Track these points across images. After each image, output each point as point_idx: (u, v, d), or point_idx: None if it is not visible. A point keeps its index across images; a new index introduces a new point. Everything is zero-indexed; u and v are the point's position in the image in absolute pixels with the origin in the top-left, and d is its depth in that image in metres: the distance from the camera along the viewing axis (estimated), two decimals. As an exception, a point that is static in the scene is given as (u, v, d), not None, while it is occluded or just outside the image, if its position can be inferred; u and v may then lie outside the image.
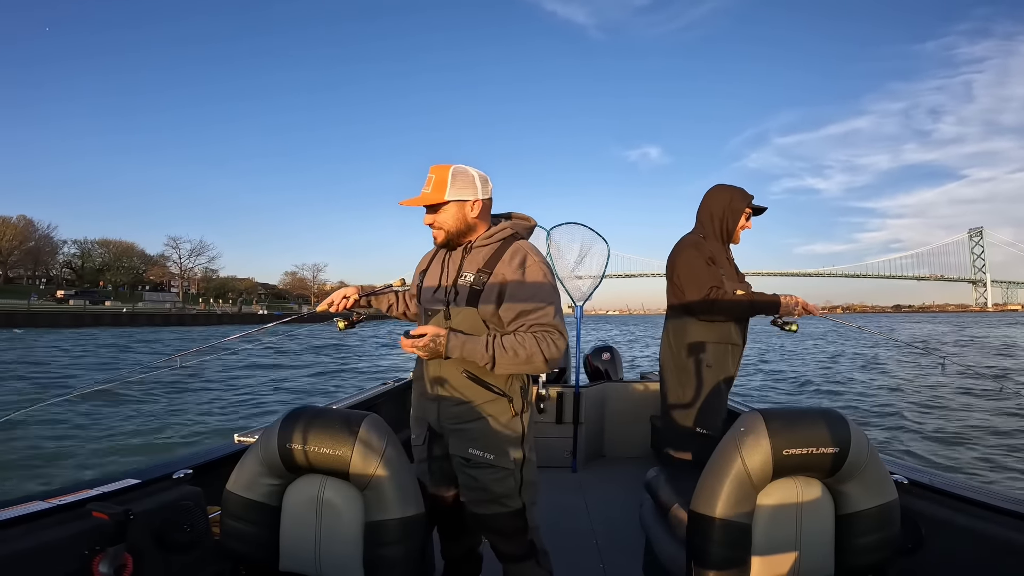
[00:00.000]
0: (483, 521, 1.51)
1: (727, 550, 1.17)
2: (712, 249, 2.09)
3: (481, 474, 1.46)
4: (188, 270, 67.92)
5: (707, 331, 2.05)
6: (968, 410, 8.06)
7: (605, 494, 2.90)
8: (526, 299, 1.41)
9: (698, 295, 2.02)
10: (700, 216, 2.17)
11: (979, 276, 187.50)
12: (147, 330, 34.36)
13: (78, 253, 67.97)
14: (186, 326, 41.17)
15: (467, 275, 1.46)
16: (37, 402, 2.64)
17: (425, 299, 1.56)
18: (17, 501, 1.17)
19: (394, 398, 3.13)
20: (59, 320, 35.07)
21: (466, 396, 1.47)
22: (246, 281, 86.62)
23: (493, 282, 1.44)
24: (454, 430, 1.49)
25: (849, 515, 1.21)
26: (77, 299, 45.80)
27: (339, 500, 1.23)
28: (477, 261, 1.48)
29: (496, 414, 1.47)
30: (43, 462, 5.37)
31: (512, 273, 1.43)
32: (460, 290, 1.46)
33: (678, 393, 2.10)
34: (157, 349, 20.93)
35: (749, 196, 2.12)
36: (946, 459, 5.68)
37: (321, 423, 1.21)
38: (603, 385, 3.62)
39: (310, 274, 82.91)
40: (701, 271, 2.03)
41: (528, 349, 1.38)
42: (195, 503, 1.40)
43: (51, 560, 1.09)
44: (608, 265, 3.59)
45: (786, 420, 1.18)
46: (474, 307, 1.44)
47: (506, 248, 1.48)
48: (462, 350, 1.39)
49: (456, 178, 1.46)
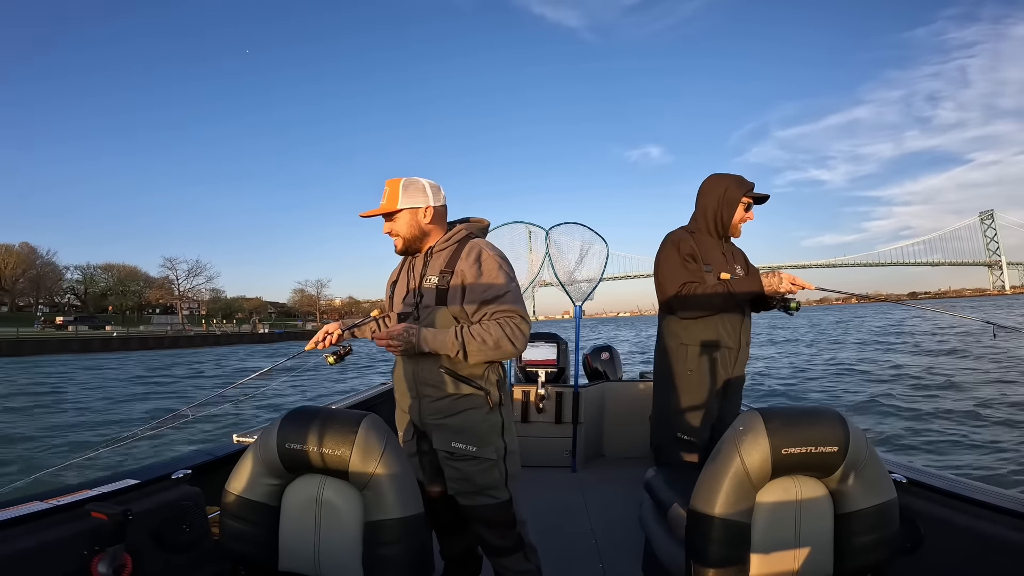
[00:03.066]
0: (471, 513, 1.56)
1: (726, 549, 1.17)
2: (700, 244, 1.96)
3: (465, 466, 1.52)
4: (187, 291, 66.97)
5: (689, 332, 1.95)
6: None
7: (605, 494, 2.90)
8: (484, 290, 1.50)
9: (673, 291, 1.94)
10: (696, 209, 2.05)
11: (994, 259, 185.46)
12: (133, 354, 32.77)
13: (81, 279, 67.75)
14: (181, 348, 39.86)
15: (431, 278, 1.57)
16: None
17: (397, 306, 1.65)
18: (17, 501, 1.18)
19: (393, 398, 3.13)
20: (46, 347, 33.57)
21: (445, 391, 1.53)
22: (255, 300, 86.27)
23: (456, 281, 1.53)
24: (436, 425, 1.55)
25: (848, 514, 1.21)
26: (78, 324, 45.21)
27: (338, 500, 1.23)
28: (439, 263, 1.58)
29: (475, 407, 1.53)
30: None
31: (469, 268, 1.53)
32: (426, 292, 1.56)
33: (662, 396, 2.04)
34: (107, 377, 18.33)
35: (748, 184, 1.96)
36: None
37: (320, 423, 1.21)
38: (602, 385, 3.62)
39: (314, 290, 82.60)
40: (675, 268, 1.94)
41: (494, 335, 1.46)
42: (194, 503, 1.40)
43: (51, 560, 1.09)
44: (607, 265, 3.59)
45: (785, 419, 1.18)
46: (443, 306, 1.53)
47: (463, 248, 1.58)
48: (433, 341, 1.47)
49: (407, 188, 1.58)
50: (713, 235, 2.01)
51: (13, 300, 61.11)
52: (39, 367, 22.81)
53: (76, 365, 23.55)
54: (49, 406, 11.31)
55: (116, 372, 20.38)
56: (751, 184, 1.98)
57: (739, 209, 1.98)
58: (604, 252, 3.58)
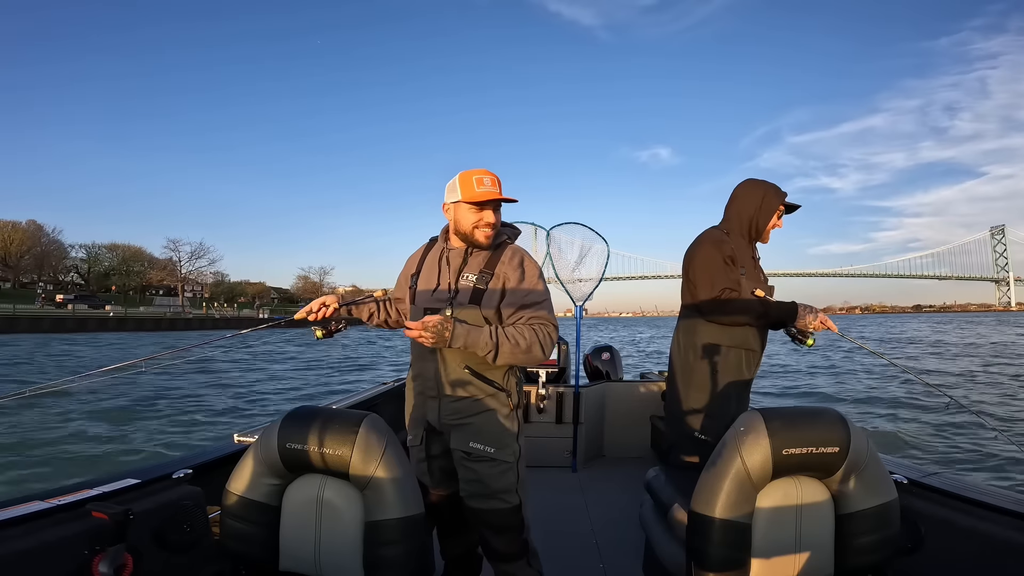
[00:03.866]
0: (481, 516, 1.54)
1: (727, 550, 1.17)
2: (735, 247, 1.97)
3: (482, 468, 1.51)
4: (189, 273, 66.48)
5: (720, 333, 1.94)
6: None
7: (605, 494, 2.90)
8: (525, 295, 1.51)
9: (709, 295, 1.91)
10: (728, 211, 2.05)
11: (1002, 275, 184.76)
12: (126, 335, 32.34)
13: (85, 257, 67.17)
14: (178, 330, 39.63)
15: (469, 276, 1.53)
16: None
17: (422, 300, 1.59)
18: (17, 501, 1.17)
19: (394, 398, 3.13)
20: (40, 325, 32.99)
21: (468, 391, 1.52)
22: (258, 285, 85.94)
23: (496, 283, 1.51)
24: (456, 425, 1.53)
25: (849, 515, 1.21)
26: (77, 303, 44.75)
27: (339, 500, 1.23)
28: (479, 263, 1.55)
29: (496, 408, 1.53)
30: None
31: (513, 272, 1.52)
32: (462, 290, 1.52)
33: (682, 395, 2.01)
34: (84, 357, 17.88)
35: (783, 193, 2.00)
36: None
37: (321, 423, 1.21)
38: (603, 385, 3.62)
39: (317, 277, 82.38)
40: (717, 270, 1.92)
41: (528, 339, 1.45)
42: (195, 503, 1.40)
43: (51, 560, 1.09)
44: (608, 265, 3.59)
45: (786, 420, 1.18)
46: (476, 306, 1.50)
47: (502, 251, 1.57)
48: (466, 338, 1.42)
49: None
50: (745, 238, 2.02)
51: (16, 277, 60.56)
52: (15, 344, 22.46)
53: (37, 343, 23.19)
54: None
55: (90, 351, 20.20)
56: (785, 193, 2.02)
57: (774, 217, 2.01)
58: (605, 252, 3.58)
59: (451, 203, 1.56)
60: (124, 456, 5.81)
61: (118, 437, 6.55)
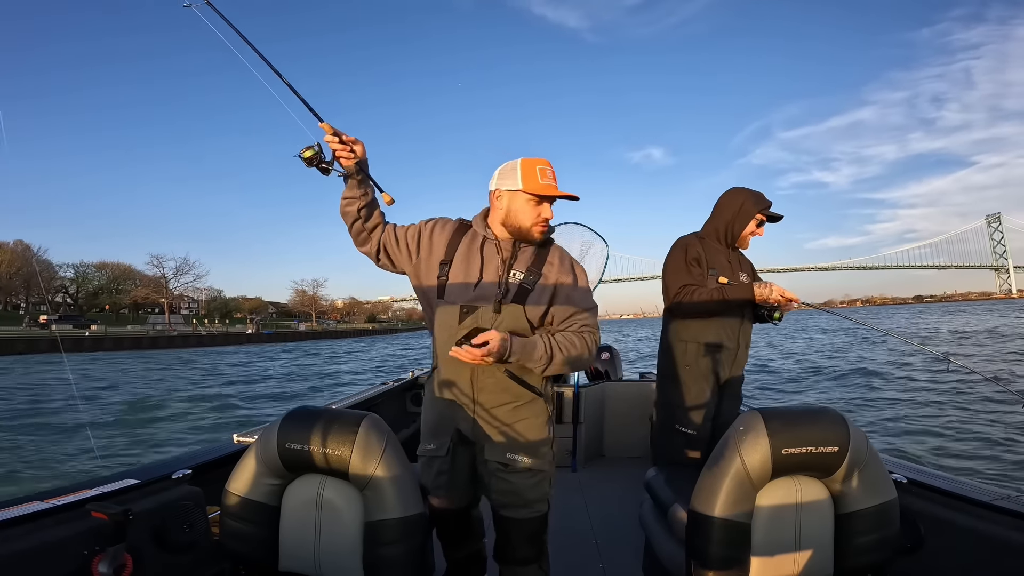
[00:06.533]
0: (513, 525, 1.47)
1: (726, 549, 1.17)
2: (708, 250, 2.07)
3: (519, 479, 1.43)
4: (176, 289, 64.70)
5: (690, 331, 2.06)
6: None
7: (605, 494, 2.90)
8: (579, 301, 1.44)
9: (672, 293, 2.05)
10: (710, 217, 2.16)
11: (1001, 262, 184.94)
12: (98, 355, 29.94)
13: (73, 277, 66.08)
14: (160, 348, 37.77)
15: (517, 273, 1.43)
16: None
17: (458, 295, 1.42)
18: (17, 501, 1.17)
19: (394, 398, 3.13)
20: (13, 347, 31.25)
21: (506, 398, 1.42)
22: (255, 300, 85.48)
23: (544, 283, 1.43)
24: (492, 434, 1.43)
25: (848, 514, 1.21)
26: (62, 323, 43.69)
27: (339, 500, 1.23)
28: (526, 259, 1.45)
29: (534, 415, 1.46)
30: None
31: (565, 274, 1.45)
32: (511, 287, 1.41)
33: (664, 389, 2.15)
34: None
35: (765, 202, 2.07)
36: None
37: (321, 423, 1.21)
38: (603, 385, 3.62)
39: (311, 289, 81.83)
40: (679, 271, 2.04)
41: (579, 348, 1.38)
42: (195, 503, 1.40)
43: (51, 560, 1.08)
44: (608, 266, 3.58)
45: (785, 419, 1.18)
46: (521, 305, 1.40)
47: (547, 249, 1.49)
48: (522, 352, 1.33)
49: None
50: (721, 243, 2.12)
51: (7, 298, 60.15)
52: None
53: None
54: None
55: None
56: (768, 203, 2.10)
57: (751, 224, 2.09)
58: (604, 252, 3.56)
59: (506, 191, 1.42)
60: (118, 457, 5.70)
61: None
